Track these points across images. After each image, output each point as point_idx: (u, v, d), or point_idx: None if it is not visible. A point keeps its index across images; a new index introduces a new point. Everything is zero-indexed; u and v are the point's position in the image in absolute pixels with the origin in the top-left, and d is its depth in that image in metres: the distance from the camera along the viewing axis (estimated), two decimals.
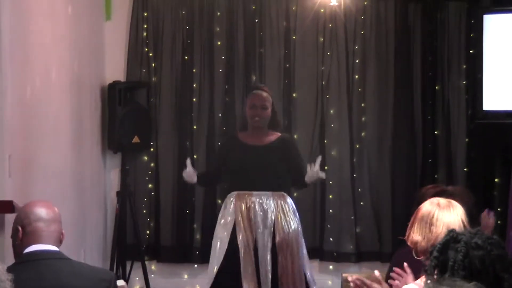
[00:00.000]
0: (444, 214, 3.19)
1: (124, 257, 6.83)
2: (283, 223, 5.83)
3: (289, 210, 5.90)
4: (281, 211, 5.84)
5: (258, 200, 5.84)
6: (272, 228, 5.81)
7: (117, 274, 6.72)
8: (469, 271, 2.37)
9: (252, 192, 5.88)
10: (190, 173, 6.10)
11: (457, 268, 2.39)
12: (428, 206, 3.25)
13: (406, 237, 3.29)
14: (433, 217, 3.20)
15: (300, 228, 5.98)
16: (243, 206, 5.82)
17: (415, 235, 3.22)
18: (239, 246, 5.76)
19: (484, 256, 2.41)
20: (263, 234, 5.79)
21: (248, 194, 5.87)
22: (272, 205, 5.83)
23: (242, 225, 5.79)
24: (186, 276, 7.22)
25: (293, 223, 5.88)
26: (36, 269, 3.27)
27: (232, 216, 5.85)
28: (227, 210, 5.91)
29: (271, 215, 5.82)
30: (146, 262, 6.90)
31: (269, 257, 5.77)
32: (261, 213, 5.81)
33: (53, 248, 3.37)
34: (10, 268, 3.23)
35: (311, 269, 6.15)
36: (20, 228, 3.36)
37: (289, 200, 5.97)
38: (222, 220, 5.94)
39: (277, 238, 5.80)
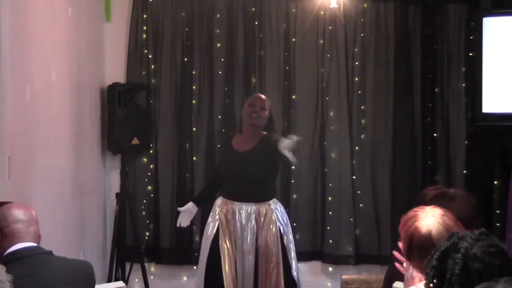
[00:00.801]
0: (440, 232, 3.09)
1: (123, 258, 6.83)
2: (263, 233, 5.81)
3: (277, 218, 5.85)
4: (263, 220, 5.81)
5: (238, 209, 5.82)
6: (254, 238, 5.80)
7: (116, 275, 6.73)
8: (466, 285, 2.35)
9: (234, 201, 5.86)
10: (188, 209, 6.03)
11: (454, 281, 2.36)
12: (423, 231, 3.14)
13: (407, 261, 3.21)
14: (435, 238, 3.10)
15: (287, 235, 5.89)
16: (225, 214, 5.82)
17: (421, 265, 3.11)
18: (220, 252, 5.76)
19: (482, 270, 2.37)
20: (242, 244, 5.78)
21: (230, 203, 5.86)
22: (253, 215, 5.81)
23: (223, 232, 5.79)
24: (185, 278, 7.21)
25: (275, 231, 5.83)
26: (25, 266, 3.28)
27: (215, 222, 5.84)
28: (213, 215, 5.91)
29: (251, 226, 5.79)
30: (145, 264, 6.90)
31: (249, 265, 5.75)
32: (239, 223, 5.80)
33: (34, 244, 3.38)
34: None
35: (298, 271, 6.09)
36: None
37: (275, 206, 5.89)
38: (208, 222, 5.94)
39: (257, 248, 5.78)
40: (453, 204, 3.65)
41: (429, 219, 3.15)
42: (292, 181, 7.09)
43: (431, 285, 2.42)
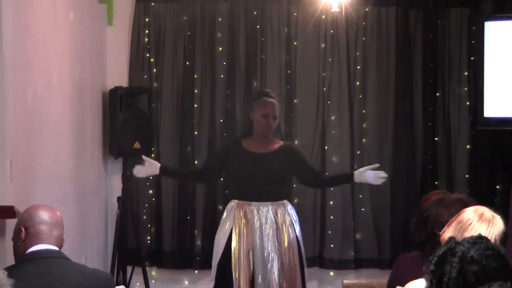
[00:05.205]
0: (481, 227, 3.16)
1: (125, 262, 6.82)
2: (280, 234, 5.79)
3: (290, 219, 5.85)
4: (279, 221, 5.79)
5: (256, 210, 5.78)
6: (275, 235, 5.76)
7: (117, 279, 6.72)
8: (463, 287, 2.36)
9: (251, 202, 5.81)
10: (149, 164, 6.02)
11: (451, 285, 2.38)
12: (470, 213, 3.22)
13: (441, 232, 3.26)
14: (469, 224, 3.17)
15: (299, 238, 5.90)
16: (242, 215, 5.77)
17: (448, 234, 3.17)
18: (232, 254, 5.72)
19: (479, 272, 2.38)
20: (262, 244, 5.74)
21: (247, 204, 5.80)
22: (271, 214, 5.78)
23: (238, 235, 5.74)
24: (186, 282, 7.21)
25: (291, 233, 5.82)
26: (42, 266, 3.31)
27: (230, 225, 5.80)
28: (226, 218, 5.86)
29: (270, 225, 5.76)
30: (147, 268, 6.89)
31: (270, 266, 5.72)
32: (258, 223, 5.76)
33: (56, 248, 3.41)
34: (14, 267, 3.27)
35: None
36: (23, 229, 3.40)
37: (290, 208, 5.89)
38: (221, 226, 5.89)
39: (277, 248, 5.76)
40: (447, 210, 3.67)
41: (487, 211, 3.28)
42: (294, 185, 7.08)
43: None
